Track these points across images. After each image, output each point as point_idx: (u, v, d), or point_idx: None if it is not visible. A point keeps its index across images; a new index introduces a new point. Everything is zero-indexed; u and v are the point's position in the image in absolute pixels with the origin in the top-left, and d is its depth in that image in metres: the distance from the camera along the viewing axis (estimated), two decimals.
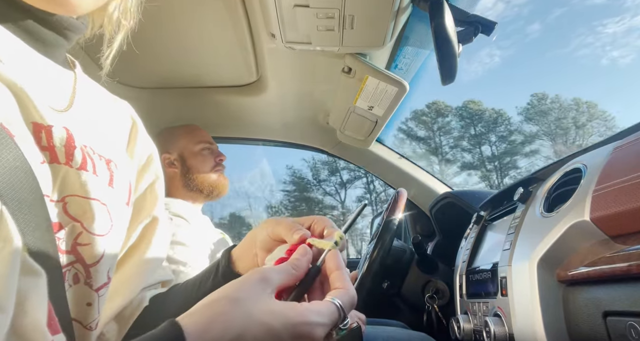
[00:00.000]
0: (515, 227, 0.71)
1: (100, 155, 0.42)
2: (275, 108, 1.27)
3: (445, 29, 0.71)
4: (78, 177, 0.38)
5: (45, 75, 0.39)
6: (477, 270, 0.82)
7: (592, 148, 0.68)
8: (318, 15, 0.75)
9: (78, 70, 0.45)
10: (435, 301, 1.16)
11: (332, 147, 1.48)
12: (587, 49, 21.75)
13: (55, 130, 0.36)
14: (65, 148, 0.37)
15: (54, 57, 0.41)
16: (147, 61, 1.04)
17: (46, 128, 0.35)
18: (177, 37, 0.94)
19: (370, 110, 1.07)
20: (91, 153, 0.40)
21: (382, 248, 1.04)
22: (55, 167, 0.36)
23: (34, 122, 0.35)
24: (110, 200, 0.42)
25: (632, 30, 20.50)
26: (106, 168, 0.42)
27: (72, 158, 0.37)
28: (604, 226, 0.50)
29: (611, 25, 20.49)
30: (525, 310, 0.59)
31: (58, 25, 0.40)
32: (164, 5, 0.84)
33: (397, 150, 1.46)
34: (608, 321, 0.47)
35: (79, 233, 0.38)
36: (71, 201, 0.37)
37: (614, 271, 0.46)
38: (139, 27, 0.46)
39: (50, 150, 0.36)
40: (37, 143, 0.34)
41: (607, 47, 22.45)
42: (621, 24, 20.47)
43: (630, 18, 20.62)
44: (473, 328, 0.81)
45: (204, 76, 1.12)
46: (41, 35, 0.39)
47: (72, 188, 0.37)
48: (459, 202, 1.29)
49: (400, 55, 1.02)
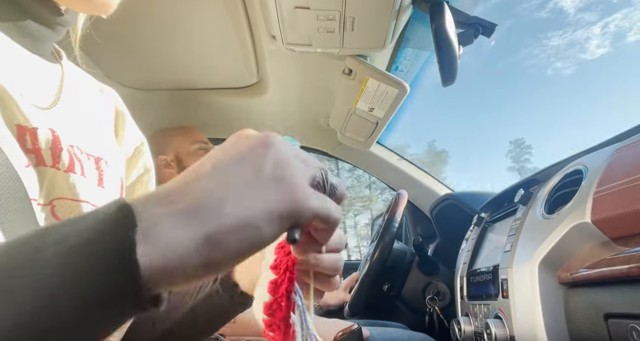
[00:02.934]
0: (516, 228, 0.71)
1: (89, 153, 0.41)
2: (276, 110, 1.27)
3: (446, 30, 0.71)
4: (66, 180, 0.37)
5: (31, 72, 0.38)
6: (478, 271, 0.82)
7: (593, 149, 0.68)
8: (319, 17, 0.75)
9: (64, 62, 0.44)
10: (436, 303, 1.16)
11: (333, 148, 1.48)
12: (534, 60, 23.01)
13: (41, 133, 0.35)
14: (52, 151, 0.36)
15: (41, 51, 0.40)
16: (147, 63, 1.04)
17: (31, 130, 0.35)
18: (178, 39, 0.95)
19: (370, 112, 1.07)
20: (79, 154, 0.39)
21: (383, 249, 1.04)
22: (42, 169, 0.35)
23: (18, 125, 0.34)
24: (101, 200, 0.41)
25: (574, 44, 22.00)
26: (95, 168, 0.41)
27: (59, 160, 0.37)
28: (605, 228, 0.50)
29: (555, 38, 21.83)
30: (526, 312, 0.59)
31: (50, 19, 0.39)
32: (164, 6, 0.84)
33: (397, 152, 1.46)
34: (609, 323, 0.47)
35: None
36: (59, 204, 0.36)
37: (615, 274, 0.46)
38: (139, 29, 0.46)
39: (36, 153, 0.35)
40: (21, 146, 0.34)
41: (551, 59, 23.94)
42: (564, 37, 21.84)
43: (572, 32, 22.12)
44: (474, 330, 0.80)
45: (205, 78, 1.12)
46: (31, 30, 0.38)
47: (60, 191, 0.37)
48: (459, 204, 1.29)
49: (400, 57, 1.02)
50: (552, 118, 24.26)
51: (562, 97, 25.73)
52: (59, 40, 0.42)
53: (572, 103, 26.36)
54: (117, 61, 1.04)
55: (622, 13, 21.25)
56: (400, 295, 1.26)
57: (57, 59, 0.44)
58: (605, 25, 21.70)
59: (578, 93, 26.33)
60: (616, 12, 21.77)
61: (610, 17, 21.78)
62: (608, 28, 21.32)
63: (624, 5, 24.04)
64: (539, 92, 26.08)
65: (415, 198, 1.46)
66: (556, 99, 26.10)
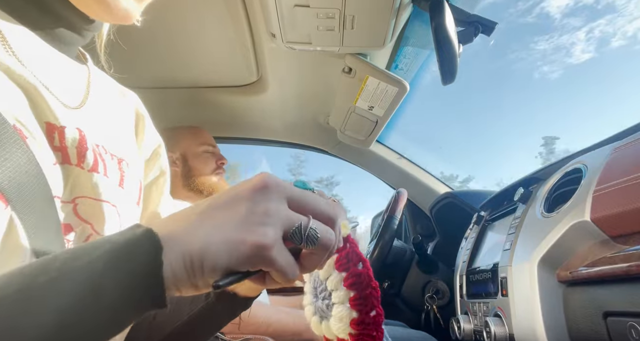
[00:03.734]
0: (515, 227, 0.71)
1: (112, 154, 0.42)
2: (276, 108, 1.27)
3: (446, 29, 0.71)
4: (89, 179, 0.38)
5: (61, 72, 0.39)
6: (478, 270, 0.82)
7: (592, 148, 0.68)
8: (318, 15, 0.75)
9: (90, 64, 0.46)
10: (435, 302, 1.17)
11: (333, 147, 1.48)
12: (521, 63, 23.44)
13: (68, 131, 0.36)
14: (77, 149, 0.37)
15: (69, 52, 0.41)
16: (147, 61, 1.04)
17: (59, 129, 0.35)
18: (177, 37, 0.94)
19: (370, 110, 1.06)
20: (103, 153, 0.40)
21: (383, 247, 1.05)
22: (67, 168, 0.36)
23: (48, 122, 0.35)
24: (121, 201, 0.42)
25: (560, 48, 22.46)
26: (117, 169, 0.42)
27: (83, 159, 0.37)
28: (605, 226, 0.50)
29: (542, 43, 22.26)
30: (525, 310, 0.59)
31: (80, 26, 0.40)
32: (165, 5, 0.84)
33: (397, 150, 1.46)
34: (608, 321, 0.47)
35: (89, 235, 0.38)
36: (82, 203, 0.37)
37: (615, 272, 0.46)
38: (140, 27, 0.46)
39: (63, 151, 0.36)
40: (49, 144, 0.34)
41: (538, 62, 24.43)
42: (550, 42, 22.27)
43: (558, 37, 22.54)
44: (473, 328, 0.81)
45: (204, 76, 1.12)
46: (60, 35, 0.39)
47: (83, 190, 0.37)
48: (459, 202, 1.29)
49: (400, 55, 1.02)
50: (537, 122, 24.81)
51: (549, 101, 26.09)
52: (85, 44, 0.43)
53: (561, 107, 26.75)
54: (116, 59, 1.03)
55: (607, 19, 21.84)
56: (400, 293, 1.27)
57: (83, 61, 0.45)
58: (590, 30, 22.26)
59: (566, 97, 26.72)
60: (600, 18, 22.40)
61: (595, 22, 22.38)
62: (593, 33, 21.87)
63: (608, 11, 24.77)
64: (526, 95, 26.49)
65: (414, 197, 1.46)
66: (542, 103, 26.52)
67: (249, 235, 0.24)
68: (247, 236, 0.24)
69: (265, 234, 0.25)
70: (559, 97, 26.07)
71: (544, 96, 25.40)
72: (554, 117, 26.83)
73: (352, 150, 1.45)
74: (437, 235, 1.43)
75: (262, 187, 0.26)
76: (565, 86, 25.70)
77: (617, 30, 23.25)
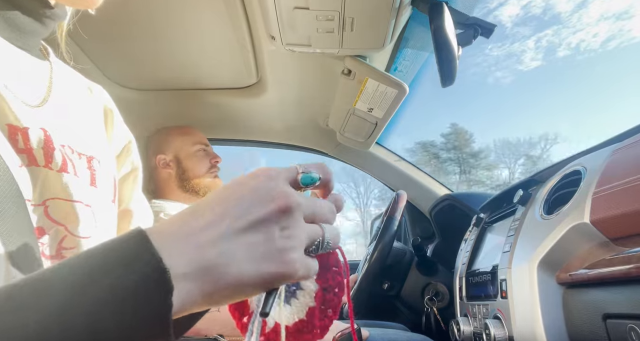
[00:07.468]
0: (515, 229, 0.71)
1: (80, 153, 0.40)
2: (275, 110, 1.27)
3: (445, 31, 0.71)
4: (59, 180, 0.37)
5: (19, 69, 0.37)
6: (477, 272, 0.82)
7: (591, 150, 0.68)
8: (318, 17, 0.75)
9: (52, 59, 0.44)
10: (435, 304, 1.16)
11: (332, 149, 1.48)
12: (476, 68, 24.34)
13: (32, 132, 0.35)
14: (44, 150, 0.36)
15: (29, 47, 0.39)
16: (147, 63, 1.04)
17: (22, 130, 0.34)
18: (177, 39, 0.95)
19: (370, 112, 1.07)
20: (70, 153, 0.39)
21: (383, 248, 1.04)
22: (34, 170, 0.35)
23: (9, 124, 0.33)
24: (94, 200, 0.40)
25: (512, 55, 23.70)
26: (87, 168, 0.41)
27: (51, 160, 0.36)
28: (604, 228, 0.50)
29: (495, 49, 23.35)
30: (525, 313, 0.59)
31: (39, 12, 0.38)
32: (164, 7, 0.84)
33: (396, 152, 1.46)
34: (608, 323, 0.47)
35: (64, 237, 0.37)
36: (52, 204, 0.36)
37: (614, 274, 0.46)
38: (139, 29, 0.45)
39: (28, 153, 0.34)
40: (13, 146, 0.33)
41: (492, 68, 25.44)
42: (503, 49, 23.44)
43: (509, 44, 23.70)
44: (473, 330, 0.80)
45: (204, 78, 1.12)
46: (20, 23, 0.37)
47: (53, 191, 0.36)
48: (458, 204, 1.29)
49: (400, 58, 1.02)
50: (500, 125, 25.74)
51: (506, 105, 26.75)
52: (47, 35, 0.41)
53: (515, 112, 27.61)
54: (116, 62, 1.04)
55: (553, 29, 22.82)
56: (399, 295, 1.26)
57: (45, 55, 0.43)
58: (538, 39, 23.23)
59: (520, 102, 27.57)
60: (547, 28, 23.37)
61: (542, 32, 23.32)
62: (541, 42, 22.84)
63: (554, 22, 25.87)
64: (482, 100, 27.13)
65: (414, 199, 1.46)
66: (499, 106, 27.15)
67: (280, 266, 0.25)
68: (277, 267, 0.25)
69: (293, 261, 0.26)
70: (512, 101, 27.26)
71: (497, 100, 26.39)
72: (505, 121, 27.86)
73: (351, 152, 1.45)
74: (436, 237, 1.43)
75: (286, 209, 0.26)
76: (517, 90, 26.79)
77: (562, 40, 24.34)
